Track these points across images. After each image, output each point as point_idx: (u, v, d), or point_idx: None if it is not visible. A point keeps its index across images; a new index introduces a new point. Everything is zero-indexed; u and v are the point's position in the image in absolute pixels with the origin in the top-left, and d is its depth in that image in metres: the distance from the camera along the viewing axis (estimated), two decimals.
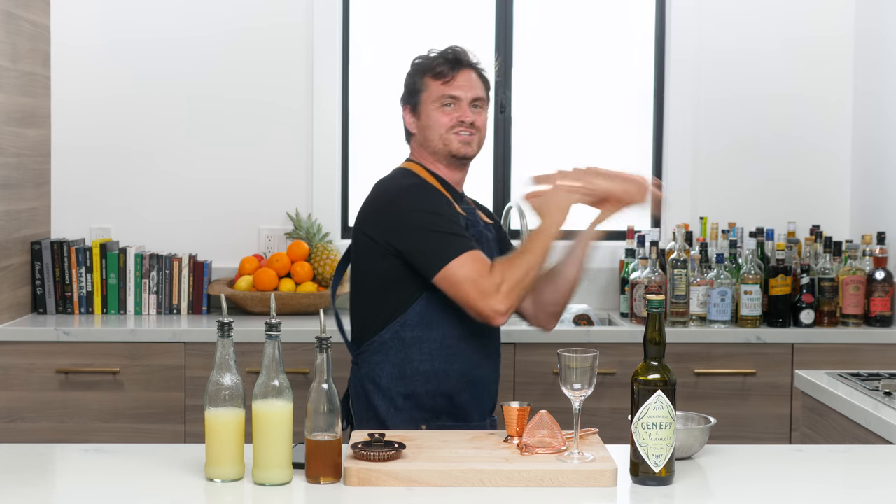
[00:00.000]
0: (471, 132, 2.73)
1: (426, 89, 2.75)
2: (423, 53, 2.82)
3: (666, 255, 4.08)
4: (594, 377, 2.12)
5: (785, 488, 2.07)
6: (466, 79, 2.74)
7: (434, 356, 2.66)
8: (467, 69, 2.75)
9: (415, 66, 2.81)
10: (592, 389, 2.12)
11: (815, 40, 4.41)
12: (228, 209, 4.33)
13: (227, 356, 2.03)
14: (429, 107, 2.74)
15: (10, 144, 3.86)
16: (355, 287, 2.75)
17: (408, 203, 2.65)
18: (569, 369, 2.11)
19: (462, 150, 2.73)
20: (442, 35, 4.46)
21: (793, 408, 3.82)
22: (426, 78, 2.76)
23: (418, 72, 2.78)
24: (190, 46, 4.30)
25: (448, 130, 2.72)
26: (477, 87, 2.76)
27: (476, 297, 2.54)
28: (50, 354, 3.76)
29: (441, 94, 2.72)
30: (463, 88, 2.73)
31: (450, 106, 2.72)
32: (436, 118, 2.73)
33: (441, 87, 2.73)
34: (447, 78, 2.73)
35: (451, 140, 2.72)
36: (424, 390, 2.66)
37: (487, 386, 2.75)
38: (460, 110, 2.72)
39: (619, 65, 4.51)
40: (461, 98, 2.73)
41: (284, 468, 2.02)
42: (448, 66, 2.73)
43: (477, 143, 2.76)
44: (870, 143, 4.30)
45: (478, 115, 2.75)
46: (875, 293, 3.97)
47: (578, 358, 2.10)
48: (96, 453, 2.23)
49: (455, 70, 2.73)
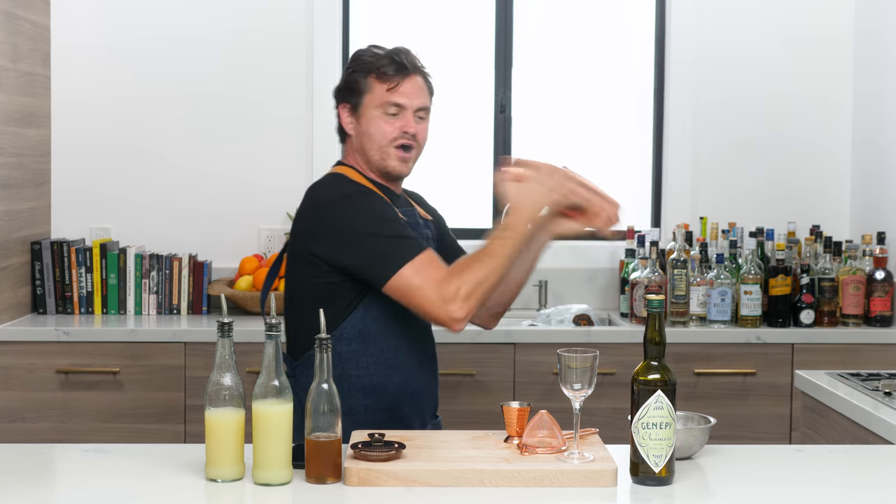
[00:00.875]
0: (411, 145, 2.55)
1: (369, 91, 2.55)
2: (366, 48, 2.61)
3: (666, 255, 4.08)
4: (594, 377, 2.12)
5: (785, 488, 2.07)
6: (413, 85, 2.55)
7: (372, 370, 2.52)
8: (415, 74, 2.56)
9: (358, 61, 2.59)
10: (592, 389, 2.12)
11: (815, 40, 4.41)
12: (228, 209, 4.33)
13: (227, 356, 2.03)
14: (371, 112, 2.55)
15: (10, 144, 3.86)
16: (289, 298, 2.58)
17: (350, 213, 2.46)
18: (569, 369, 2.11)
19: (398, 168, 2.56)
20: (442, 35, 4.48)
21: (793, 408, 3.82)
22: (370, 78, 2.55)
23: (362, 69, 2.56)
24: (190, 46, 4.30)
25: (390, 143, 2.54)
26: (423, 94, 2.57)
27: (432, 304, 2.38)
28: (50, 354, 3.76)
29: (385, 100, 2.53)
30: (409, 96, 2.54)
31: (395, 115, 2.54)
32: (377, 126, 2.54)
33: (386, 93, 2.53)
34: (393, 83, 2.53)
35: (389, 154, 2.55)
36: (363, 406, 2.52)
37: (428, 394, 2.62)
38: (404, 120, 2.54)
39: (619, 65, 4.51)
40: (406, 106, 2.54)
41: (284, 468, 2.02)
42: (395, 69, 2.53)
43: (414, 160, 2.59)
44: (870, 144, 4.30)
45: (420, 126, 2.57)
46: (875, 293, 3.97)
47: (578, 358, 2.10)
48: (96, 453, 2.23)
49: (402, 74, 2.54)
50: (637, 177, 4.52)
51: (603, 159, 4.52)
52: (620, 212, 2.48)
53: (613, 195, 2.47)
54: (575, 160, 4.47)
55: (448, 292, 2.36)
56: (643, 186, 4.51)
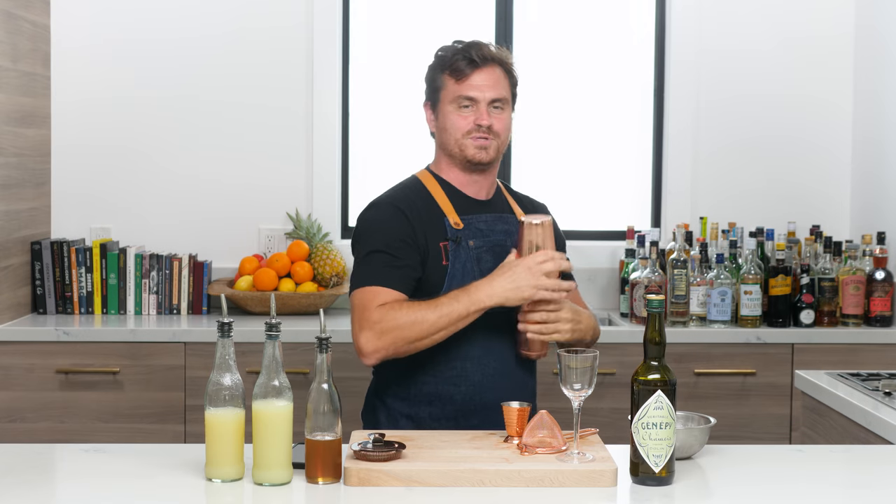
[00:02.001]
0: (487, 137, 2.54)
1: (444, 87, 2.57)
2: (448, 44, 2.62)
3: (666, 255, 4.08)
4: (594, 377, 2.12)
5: (785, 488, 2.07)
6: (486, 77, 2.54)
7: (439, 378, 2.54)
8: (487, 66, 2.54)
9: (435, 59, 2.61)
10: (592, 389, 2.12)
11: (814, 40, 4.41)
12: (228, 209, 4.33)
13: (227, 356, 2.03)
14: (446, 107, 2.56)
15: (10, 144, 3.86)
16: None
17: (360, 225, 2.59)
18: (569, 369, 2.11)
19: (477, 155, 2.55)
20: (442, 35, 4.47)
21: (793, 408, 3.82)
22: (444, 75, 2.57)
23: (437, 67, 2.59)
24: (190, 47, 4.30)
25: (464, 135, 2.54)
26: (499, 85, 2.55)
27: (355, 328, 2.44)
28: (50, 354, 3.76)
29: (457, 94, 2.54)
30: (480, 88, 2.53)
31: (467, 108, 2.54)
32: (452, 121, 2.55)
33: (457, 87, 2.54)
34: (464, 76, 2.53)
35: (466, 146, 2.55)
36: (427, 413, 2.55)
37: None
38: (477, 112, 2.54)
39: (620, 65, 4.51)
40: (478, 99, 2.54)
41: (284, 468, 2.02)
42: (465, 63, 2.53)
43: (495, 149, 2.57)
44: (870, 143, 4.30)
45: (497, 118, 2.56)
46: (875, 293, 3.97)
47: (578, 358, 2.10)
48: (96, 453, 2.23)
49: (472, 67, 2.53)
50: (637, 177, 4.51)
51: (603, 159, 4.52)
52: (567, 327, 2.49)
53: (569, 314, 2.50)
54: (575, 160, 4.50)
55: (368, 322, 2.42)
56: (643, 186, 4.50)
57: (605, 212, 4.49)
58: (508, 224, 2.64)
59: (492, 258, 2.57)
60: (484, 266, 2.56)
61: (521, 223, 2.50)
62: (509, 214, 2.66)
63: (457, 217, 2.58)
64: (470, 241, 2.57)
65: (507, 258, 2.48)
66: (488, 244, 2.59)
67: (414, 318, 2.41)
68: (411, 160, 4.45)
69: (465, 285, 2.45)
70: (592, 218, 4.48)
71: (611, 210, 4.49)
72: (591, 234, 4.45)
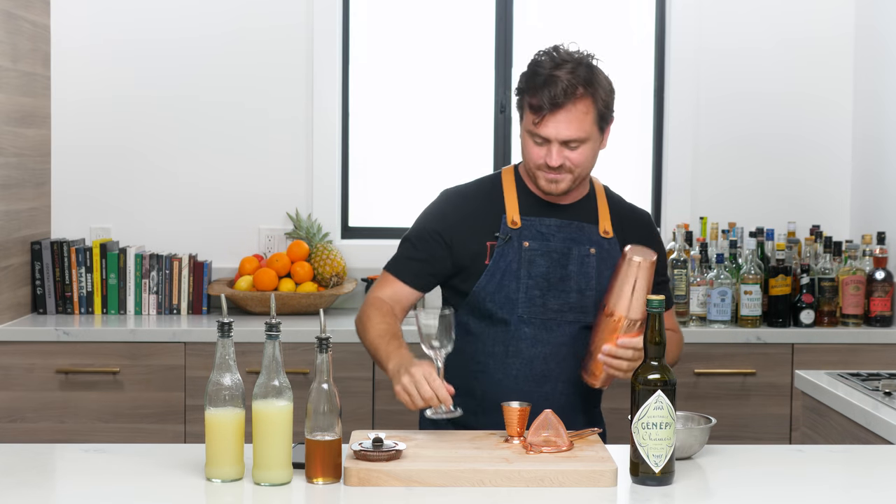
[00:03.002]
0: (559, 173, 2.48)
1: (524, 112, 2.50)
2: (540, 56, 2.49)
3: (666, 256, 4.07)
4: (452, 335, 2.27)
5: (785, 488, 2.07)
6: (561, 119, 2.43)
7: (461, 372, 2.53)
8: (564, 107, 2.43)
9: (523, 74, 2.51)
10: (452, 347, 2.27)
11: (814, 40, 4.41)
12: (228, 209, 4.33)
13: (227, 356, 2.03)
14: (524, 132, 2.51)
15: (10, 144, 3.86)
16: None
17: (431, 203, 2.66)
18: (427, 327, 2.26)
19: (548, 187, 2.51)
20: (442, 35, 4.47)
21: (793, 408, 3.82)
22: (525, 99, 2.48)
23: (521, 87, 2.50)
24: (190, 47, 4.30)
25: (536, 168, 2.50)
26: (574, 125, 2.44)
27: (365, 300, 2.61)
28: (50, 354, 3.76)
29: (532, 129, 2.47)
30: (554, 130, 2.44)
31: (540, 145, 2.48)
32: (527, 148, 2.50)
33: (532, 124, 2.46)
34: (539, 117, 2.44)
35: (538, 176, 2.51)
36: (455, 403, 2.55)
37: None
38: (548, 152, 2.46)
39: (620, 63, 4.51)
40: (552, 139, 2.45)
41: (284, 468, 2.02)
42: (540, 100, 2.43)
43: (569, 181, 2.50)
44: (870, 143, 4.30)
45: (572, 154, 2.47)
46: (875, 293, 3.97)
47: (433, 314, 2.26)
48: (96, 453, 2.23)
49: (549, 111, 2.43)
50: (637, 176, 4.51)
51: (603, 158, 4.51)
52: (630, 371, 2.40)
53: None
54: None
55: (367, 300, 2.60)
56: (643, 186, 4.50)
57: None
58: (581, 232, 2.57)
59: (546, 263, 2.53)
60: (535, 270, 2.52)
61: (623, 255, 2.41)
62: (588, 224, 2.59)
63: (517, 216, 2.55)
64: (525, 242, 2.54)
65: (413, 368, 2.31)
66: (545, 248, 2.54)
67: (364, 328, 2.53)
68: (411, 160, 4.47)
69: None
70: None
71: None
72: None
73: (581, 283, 2.53)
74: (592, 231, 2.58)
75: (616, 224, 2.62)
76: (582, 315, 2.54)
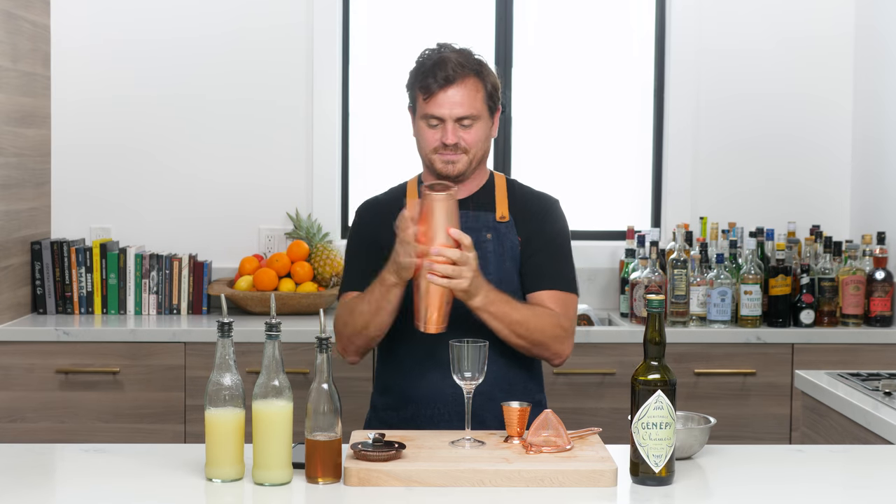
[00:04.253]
0: (455, 153, 2.53)
1: (416, 102, 2.59)
2: (428, 51, 2.61)
3: (666, 255, 4.08)
4: (485, 365, 2.20)
5: (785, 488, 2.07)
6: (453, 94, 2.51)
7: (388, 372, 2.65)
8: (454, 85, 2.51)
9: (411, 72, 2.62)
10: (483, 377, 2.20)
11: (815, 40, 4.41)
12: (228, 209, 4.33)
13: (227, 356, 2.03)
14: (419, 121, 2.58)
15: (10, 144, 3.86)
16: None
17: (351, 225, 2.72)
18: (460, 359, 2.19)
19: (445, 169, 2.55)
20: (442, 35, 4.46)
21: (793, 408, 3.82)
22: (416, 90, 2.58)
23: (412, 79, 2.60)
24: (190, 47, 4.30)
25: (432, 151, 2.55)
26: (466, 101, 2.51)
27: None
28: (50, 354, 3.76)
29: (425, 111, 2.54)
30: (446, 106, 2.51)
31: (435, 126, 2.54)
32: (422, 135, 2.57)
33: (425, 105, 2.54)
34: (430, 95, 2.52)
35: (434, 160, 2.56)
36: (382, 403, 2.67)
37: (446, 406, 2.55)
38: (443, 131, 2.53)
39: (620, 65, 4.51)
40: (445, 117, 2.52)
41: (284, 468, 2.02)
42: (432, 81, 2.51)
43: (465, 162, 2.55)
44: (870, 143, 4.30)
45: (466, 133, 2.53)
46: (875, 293, 3.97)
47: (470, 348, 2.18)
48: (96, 453, 2.23)
49: (439, 86, 2.51)
50: (637, 177, 4.51)
51: (603, 159, 4.52)
52: (468, 274, 2.37)
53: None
54: (575, 160, 4.50)
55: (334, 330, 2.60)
56: (643, 186, 4.50)
57: (605, 212, 4.49)
58: (476, 221, 2.59)
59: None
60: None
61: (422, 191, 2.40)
62: (483, 212, 2.61)
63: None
64: None
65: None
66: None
67: (351, 310, 2.52)
68: (411, 160, 4.46)
69: None
70: (592, 218, 4.48)
71: (611, 210, 4.49)
72: (591, 233, 4.45)
73: (481, 268, 2.45)
74: (488, 217, 2.61)
75: (513, 207, 2.64)
76: None
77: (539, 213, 2.64)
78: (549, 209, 2.66)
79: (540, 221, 2.62)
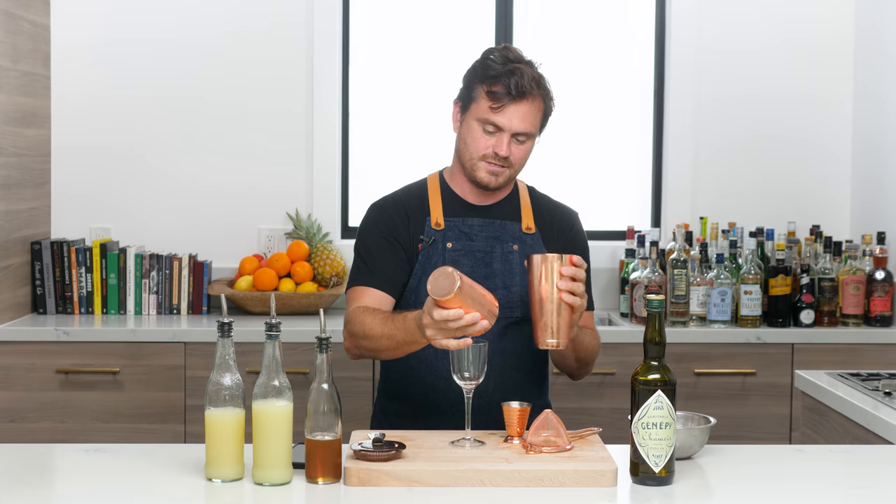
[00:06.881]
0: (502, 165, 2.52)
1: (477, 100, 2.52)
2: (496, 52, 2.54)
3: (666, 255, 4.08)
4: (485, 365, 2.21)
5: (785, 488, 2.07)
6: (519, 111, 2.49)
7: (401, 376, 2.60)
8: (525, 99, 2.49)
9: (479, 65, 2.54)
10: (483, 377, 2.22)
11: (815, 40, 4.41)
12: (228, 209, 4.33)
13: (227, 356, 2.03)
14: (472, 122, 2.53)
15: (10, 144, 3.86)
16: None
17: (362, 219, 2.66)
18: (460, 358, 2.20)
19: (485, 179, 2.53)
20: (442, 35, 4.47)
21: (793, 408, 3.82)
22: (481, 88, 2.51)
23: (477, 77, 2.53)
24: (190, 47, 4.30)
25: (480, 157, 2.52)
26: (528, 120, 2.50)
27: (344, 322, 2.53)
28: (50, 354, 3.76)
29: (486, 117, 2.49)
30: (510, 120, 2.49)
31: (491, 133, 2.51)
32: (473, 137, 2.52)
33: (489, 111, 2.49)
34: (498, 104, 2.48)
35: (479, 167, 2.53)
36: (392, 408, 2.65)
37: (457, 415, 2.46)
38: (498, 140, 2.50)
39: (619, 64, 4.51)
40: (504, 128, 2.49)
41: (284, 468, 2.02)
42: (505, 91, 2.48)
43: (507, 177, 2.54)
44: (870, 144, 4.30)
45: (518, 148, 2.52)
46: (875, 293, 3.97)
47: (470, 348, 2.18)
48: (96, 453, 2.23)
49: (510, 99, 2.48)
50: (637, 177, 4.51)
51: (603, 159, 4.52)
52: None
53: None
54: (575, 160, 4.50)
55: (345, 321, 2.51)
56: (643, 186, 4.50)
57: (605, 212, 4.49)
58: (503, 230, 2.59)
59: (470, 262, 2.55)
60: (460, 270, 2.48)
61: (529, 257, 2.35)
62: (510, 222, 2.61)
63: (441, 218, 2.58)
64: (448, 244, 2.57)
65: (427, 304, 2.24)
66: (469, 248, 2.57)
67: (365, 331, 2.42)
68: (411, 160, 4.47)
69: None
70: (592, 218, 4.47)
71: (611, 210, 4.49)
72: (591, 233, 4.41)
73: (506, 280, 2.55)
74: (515, 228, 2.61)
75: (539, 219, 2.65)
76: (508, 311, 2.55)
77: (565, 230, 2.66)
78: (574, 225, 2.68)
79: (569, 240, 2.64)
